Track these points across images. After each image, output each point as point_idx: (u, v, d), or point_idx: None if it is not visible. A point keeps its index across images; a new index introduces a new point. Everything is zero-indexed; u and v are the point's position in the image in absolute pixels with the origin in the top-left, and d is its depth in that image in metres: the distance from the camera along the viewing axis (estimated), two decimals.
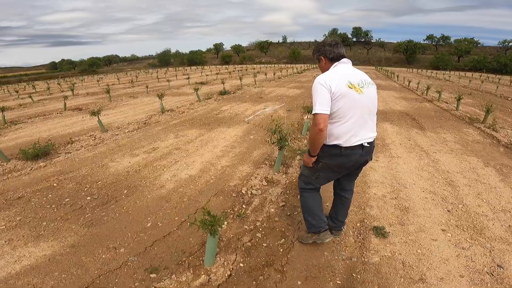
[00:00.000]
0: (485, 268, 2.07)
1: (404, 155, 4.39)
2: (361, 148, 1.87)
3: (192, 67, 57.91)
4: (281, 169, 3.75)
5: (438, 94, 11.03)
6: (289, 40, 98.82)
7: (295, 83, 16.27)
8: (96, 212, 2.85)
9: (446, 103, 9.85)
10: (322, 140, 1.80)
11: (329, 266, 2.09)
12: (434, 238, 2.42)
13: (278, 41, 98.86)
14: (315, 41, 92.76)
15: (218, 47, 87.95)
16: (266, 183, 3.39)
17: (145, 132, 5.92)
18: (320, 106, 1.70)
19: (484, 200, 3.09)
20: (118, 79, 29.13)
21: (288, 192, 3.21)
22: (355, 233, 2.50)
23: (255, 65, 56.39)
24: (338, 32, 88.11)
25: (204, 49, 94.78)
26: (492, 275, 2.00)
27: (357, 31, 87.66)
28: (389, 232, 2.48)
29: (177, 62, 75.83)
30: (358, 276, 1.99)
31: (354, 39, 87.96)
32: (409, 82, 16.84)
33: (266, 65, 59.41)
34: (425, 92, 12.52)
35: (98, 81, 27.41)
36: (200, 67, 56.37)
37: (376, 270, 2.05)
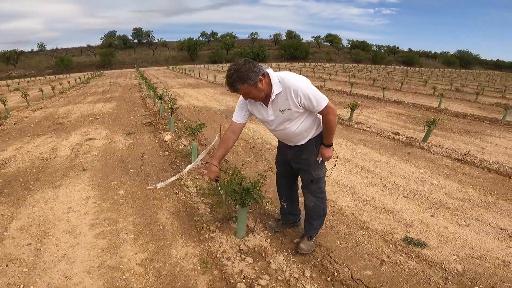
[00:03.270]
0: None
1: None
2: None
3: None
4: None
5: None
6: (49, 47, 79.77)
7: (94, 96, 12.71)
8: None
9: None
10: None
11: None
12: (444, 226, 2.46)
13: (32, 50, 77.59)
14: (88, 45, 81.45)
15: None
16: (252, 260, 2.01)
17: None
18: (324, 95, 1.75)
19: (401, 177, 3.45)
20: None
21: (286, 253, 2.13)
22: (399, 252, 2.14)
23: (3, 81, 39.81)
24: (117, 34, 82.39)
25: None
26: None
27: (137, 32, 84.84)
28: (418, 238, 2.29)
29: None
30: None
31: (136, 41, 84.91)
32: (215, 77, 18.17)
33: (22, 79, 43.70)
34: None
35: None
36: None
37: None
